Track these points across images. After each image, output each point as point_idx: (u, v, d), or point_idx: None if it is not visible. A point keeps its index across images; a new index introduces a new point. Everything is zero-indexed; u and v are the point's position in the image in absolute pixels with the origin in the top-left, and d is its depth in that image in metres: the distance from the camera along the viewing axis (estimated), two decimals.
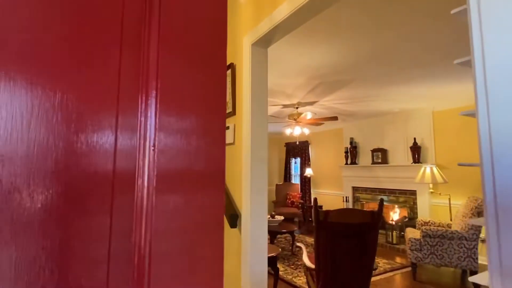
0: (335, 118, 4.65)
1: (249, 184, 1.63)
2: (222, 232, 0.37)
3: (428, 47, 2.67)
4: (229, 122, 1.89)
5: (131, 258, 0.32)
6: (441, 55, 2.83)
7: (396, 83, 3.72)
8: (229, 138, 1.85)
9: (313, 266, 2.73)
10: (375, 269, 2.70)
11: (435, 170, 4.47)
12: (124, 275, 0.32)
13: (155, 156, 0.33)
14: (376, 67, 3.19)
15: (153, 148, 0.33)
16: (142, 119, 0.34)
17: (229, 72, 1.89)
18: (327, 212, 2.50)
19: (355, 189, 6.51)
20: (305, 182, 7.81)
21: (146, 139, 0.33)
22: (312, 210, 2.43)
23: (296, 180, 8.36)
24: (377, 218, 2.50)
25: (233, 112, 1.84)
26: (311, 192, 7.76)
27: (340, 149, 7.01)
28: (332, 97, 4.45)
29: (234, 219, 1.66)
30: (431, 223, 4.22)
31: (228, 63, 1.92)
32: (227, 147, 1.89)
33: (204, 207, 0.36)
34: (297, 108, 4.89)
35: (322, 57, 2.93)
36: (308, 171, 7.35)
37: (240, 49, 1.78)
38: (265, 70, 1.73)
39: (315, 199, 2.54)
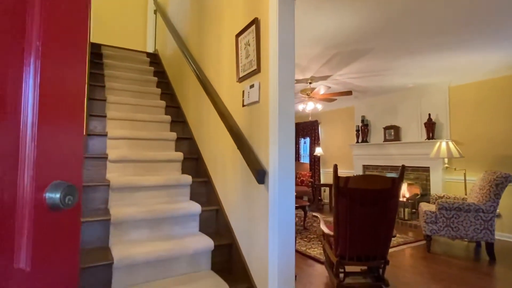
0: (349, 93, 4.57)
1: (277, 141, 1.61)
2: None
3: (454, 8, 2.56)
4: (254, 80, 1.84)
5: None
6: (468, 17, 2.72)
7: (413, 53, 3.61)
8: (254, 97, 1.81)
9: (331, 232, 2.73)
10: (394, 236, 2.70)
11: (451, 144, 4.40)
12: None
13: None
14: (395, 34, 3.08)
15: None
16: None
17: (252, 28, 1.83)
18: (347, 178, 2.48)
19: (365, 168, 6.48)
20: (315, 161, 7.79)
21: None
22: (332, 177, 2.41)
23: (305, 160, 8.34)
24: (397, 184, 2.47)
25: (258, 70, 1.79)
26: (321, 171, 7.75)
27: (351, 128, 6.94)
28: (347, 71, 4.35)
29: (262, 175, 1.64)
30: (446, 197, 4.19)
31: (251, 18, 1.86)
32: (252, 106, 1.85)
33: None
34: (310, 83, 4.81)
35: (341, 22, 2.84)
36: (318, 150, 7.31)
37: (265, 2, 1.72)
38: (293, 24, 1.67)
39: (335, 166, 2.51)
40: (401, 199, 5.46)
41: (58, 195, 0.41)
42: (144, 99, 3.22)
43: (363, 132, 6.42)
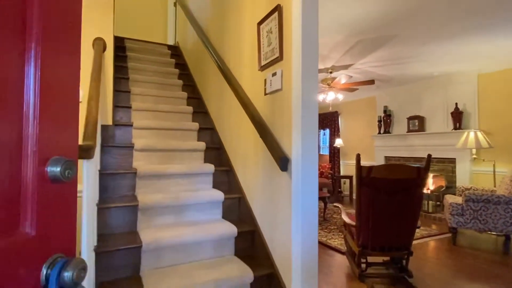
0: (371, 82, 4.46)
1: (300, 129, 1.60)
2: None
3: None
4: (276, 68, 1.84)
5: None
6: None
7: (440, 39, 3.46)
8: (276, 85, 1.81)
9: (353, 222, 2.71)
10: (419, 227, 2.64)
11: (479, 134, 4.22)
12: None
13: None
14: (422, 18, 2.96)
15: None
16: None
17: (275, 15, 1.81)
18: (371, 167, 2.44)
19: (387, 159, 6.34)
20: (334, 153, 7.70)
21: None
22: (355, 166, 2.38)
23: (324, 151, 8.26)
24: (423, 174, 2.41)
25: (280, 57, 1.78)
26: (340, 163, 7.66)
27: (372, 119, 6.79)
28: (369, 59, 4.24)
29: (285, 163, 1.65)
30: (474, 189, 4.04)
31: (274, 5, 1.84)
32: (274, 94, 1.85)
33: None
34: (330, 72, 4.73)
35: (364, 8, 2.76)
36: (338, 142, 7.21)
37: None
38: (317, 9, 1.64)
39: (358, 155, 2.48)
40: (425, 191, 5.32)
41: (58, 169, 0.46)
42: (166, 91, 3.29)
43: (386, 122, 6.26)
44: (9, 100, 0.41)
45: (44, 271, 0.45)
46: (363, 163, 6.99)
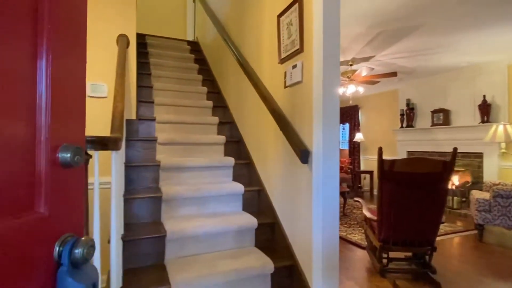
0: (393, 74, 4.34)
1: (321, 121, 1.60)
2: None
3: None
4: (296, 60, 1.83)
5: None
6: None
7: (469, 27, 3.31)
8: (296, 77, 1.80)
9: (374, 217, 2.68)
10: (443, 222, 2.57)
11: (509, 128, 4.03)
12: None
13: None
14: (448, 6, 2.85)
15: None
16: None
17: (295, 6, 1.80)
18: (393, 161, 2.39)
19: (410, 154, 6.17)
20: (354, 148, 7.58)
21: None
22: (377, 160, 2.34)
23: (344, 146, 8.14)
24: (449, 168, 2.34)
25: (301, 49, 1.77)
26: (361, 158, 7.53)
27: (394, 112, 6.61)
28: (392, 50, 4.12)
29: (305, 155, 1.65)
30: (503, 184, 3.87)
31: None
32: (295, 87, 1.85)
33: None
34: (351, 65, 4.64)
35: None
36: (359, 136, 7.09)
37: None
38: (338, 0, 1.62)
39: (380, 148, 2.43)
40: (449, 187, 5.14)
41: (68, 155, 0.51)
42: (186, 86, 3.35)
43: (408, 116, 6.08)
44: (25, 92, 0.46)
45: (56, 248, 0.49)
46: (385, 158, 6.83)
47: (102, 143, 1.20)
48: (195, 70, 3.85)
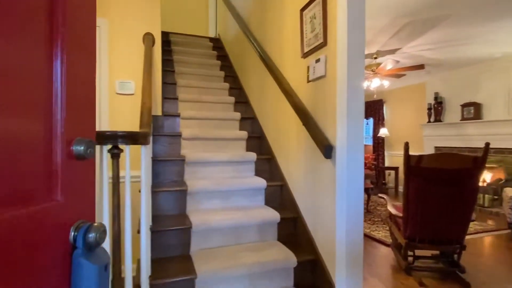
0: (421, 67, 4.18)
1: (345, 115, 1.58)
2: None
3: None
4: (319, 54, 1.82)
5: None
6: None
7: (502, 16, 3.12)
8: (320, 71, 1.79)
9: (399, 213, 2.62)
10: (473, 220, 2.47)
11: None
12: None
13: None
14: None
15: None
16: None
17: (319, 0, 1.78)
18: (420, 156, 2.33)
19: (438, 150, 5.94)
20: (378, 143, 7.39)
21: None
22: (403, 155, 2.28)
23: (368, 141, 7.96)
24: (480, 164, 2.24)
25: (324, 43, 1.75)
26: (385, 153, 7.34)
27: (421, 106, 6.37)
28: (419, 42, 3.97)
29: (329, 150, 1.64)
30: None
31: None
32: (318, 81, 1.84)
33: None
34: (375, 58, 4.51)
35: None
36: (383, 131, 6.90)
37: None
38: None
39: (406, 143, 2.37)
40: (480, 184, 4.91)
41: (82, 148, 0.56)
42: (209, 82, 3.40)
43: (436, 110, 5.85)
44: (44, 90, 0.50)
45: (72, 233, 0.55)
46: (411, 154, 6.62)
47: (132, 138, 1.25)
48: (217, 66, 3.89)
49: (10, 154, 0.44)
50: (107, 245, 1.26)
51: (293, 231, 2.10)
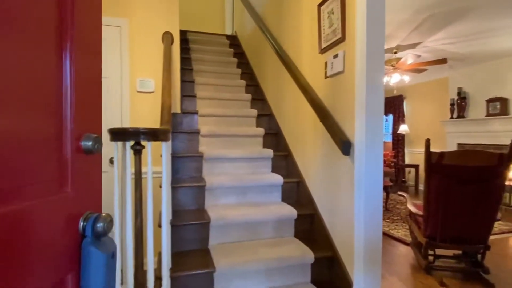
0: (443, 61, 4.05)
1: (364, 112, 1.56)
2: None
3: None
4: (338, 49, 1.80)
5: None
6: None
7: None
8: (338, 67, 1.77)
9: (419, 212, 2.56)
10: (498, 219, 2.39)
11: None
12: None
13: None
14: None
15: None
16: None
17: None
18: (442, 153, 2.26)
19: (461, 147, 5.74)
20: (398, 140, 7.22)
21: None
22: (424, 152, 2.23)
23: (387, 138, 7.79)
24: (506, 161, 2.16)
25: (343, 38, 1.73)
26: (405, 151, 7.17)
27: (443, 102, 6.17)
28: (441, 35, 3.84)
29: (347, 147, 1.63)
30: None
31: None
32: (336, 77, 1.82)
33: None
34: (395, 52, 4.40)
35: None
36: (403, 128, 6.74)
37: None
38: None
39: (428, 140, 2.31)
40: (507, 182, 4.71)
41: (90, 143, 0.59)
42: (226, 79, 3.43)
43: (459, 106, 5.64)
44: (55, 88, 0.54)
45: (81, 223, 0.58)
46: (432, 151, 6.43)
47: (154, 135, 1.29)
48: (234, 63, 3.92)
49: (27, 148, 0.47)
50: (130, 238, 1.31)
51: (310, 227, 2.10)
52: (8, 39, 0.44)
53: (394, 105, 7.34)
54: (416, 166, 6.44)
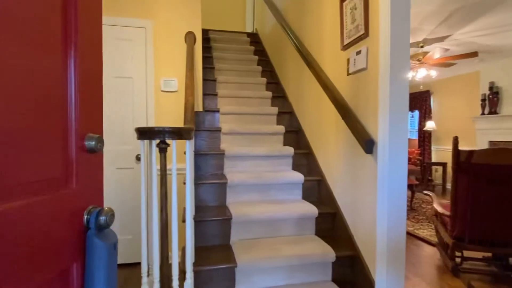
0: (474, 54, 3.86)
1: (387, 110, 1.53)
2: None
3: None
4: (360, 46, 1.77)
5: None
6: None
7: None
8: (360, 63, 1.74)
9: (446, 212, 2.48)
10: None
11: None
12: None
13: None
14: None
15: None
16: None
17: None
18: (471, 151, 2.18)
19: (492, 144, 5.46)
20: (424, 137, 6.97)
21: None
22: (452, 150, 2.16)
23: (413, 135, 7.55)
24: None
25: (366, 34, 1.70)
26: (432, 148, 6.91)
27: (473, 98, 5.88)
28: (471, 28, 3.66)
29: (370, 145, 1.60)
30: None
31: None
32: (358, 74, 1.80)
33: None
34: (421, 47, 4.25)
35: None
36: (430, 125, 6.50)
37: None
38: None
39: (455, 138, 2.22)
40: None
41: (93, 142, 0.63)
42: (247, 77, 3.45)
43: (492, 101, 5.36)
44: (61, 91, 0.58)
45: (85, 216, 0.64)
46: (461, 148, 6.16)
47: (178, 133, 1.34)
48: (254, 61, 3.93)
49: (36, 148, 0.51)
50: (156, 232, 1.37)
51: (331, 226, 2.09)
52: (20, 48, 0.48)
53: (420, 100, 7.08)
54: (443, 164, 6.20)
